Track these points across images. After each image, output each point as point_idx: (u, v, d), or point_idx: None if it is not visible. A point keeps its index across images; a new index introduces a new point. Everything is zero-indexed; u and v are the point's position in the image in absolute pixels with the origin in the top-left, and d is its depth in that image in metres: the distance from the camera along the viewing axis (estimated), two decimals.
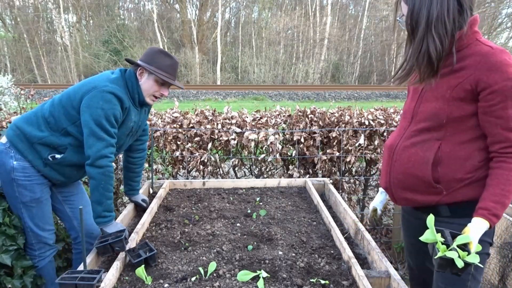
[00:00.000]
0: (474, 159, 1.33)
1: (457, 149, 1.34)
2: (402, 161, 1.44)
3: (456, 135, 1.34)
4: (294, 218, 2.14)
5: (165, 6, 26.49)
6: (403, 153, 1.44)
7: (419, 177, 1.39)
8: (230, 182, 2.72)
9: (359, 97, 15.67)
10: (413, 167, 1.40)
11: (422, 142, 1.40)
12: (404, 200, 1.49)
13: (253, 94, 15.74)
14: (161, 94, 2.03)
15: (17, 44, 23.12)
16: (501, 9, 22.50)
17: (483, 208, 1.26)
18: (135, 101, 1.99)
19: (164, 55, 1.98)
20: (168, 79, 1.97)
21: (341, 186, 3.29)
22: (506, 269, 2.22)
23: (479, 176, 1.33)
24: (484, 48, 1.28)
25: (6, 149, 1.90)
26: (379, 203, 1.80)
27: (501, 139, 1.26)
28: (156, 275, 1.52)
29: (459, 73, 1.31)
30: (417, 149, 1.40)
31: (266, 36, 24.42)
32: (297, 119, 3.24)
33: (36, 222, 1.96)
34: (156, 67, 1.94)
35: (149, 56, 1.97)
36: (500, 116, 1.25)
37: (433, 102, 1.37)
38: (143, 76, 1.97)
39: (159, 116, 3.29)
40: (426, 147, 1.38)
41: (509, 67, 1.23)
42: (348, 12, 27.62)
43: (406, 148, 1.44)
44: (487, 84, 1.24)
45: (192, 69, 22.52)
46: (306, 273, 1.54)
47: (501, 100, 1.24)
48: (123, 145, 2.09)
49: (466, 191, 1.35)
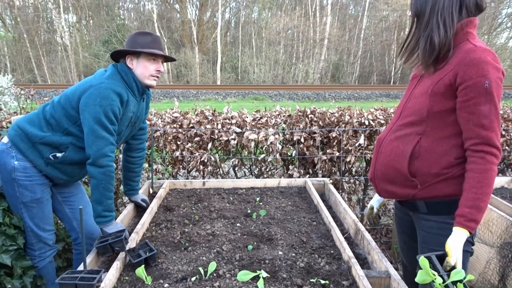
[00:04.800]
0: (450, 155, 1.34)
1: (435, 144, 1.36)
2: (385, 153, 1.49)
3: (436, 131, 1.37)
4: (294, 218, 2.14)
5: (165, 6, 26.49)
6: (388, 146, 1.49)
7: (397, 169, 1.42)
8: (230, 182, 2.72)
9: (359, 97, 15.67)
10: (393, 159, 1.45)
11: (405, 136, 1.44)
12: (385, 192, 1.53)
13: (253, 94, 15.74)
14: (157, 71, 2.00)
15: (17, 44, 23.12)
16: (501, 9, 22.52)
17: (460, 215, 1.27)
18: (134, 91, 1.98)
19: (143, 34, 1.98)
20: (156, 51, 1.95)
21: (341, 186, 3.29)
22: (506, 269, 2.22)
23: (456, 173, 1.34)
24: (469, 46, 1.30)
25: (8, 149, 1.90)
26: (376, 202, 1.82)
27: (472, 135, 1.28)
28: (156, 275, 1.52)
29: (442, 69, 1.34)
30: (399, 142, 1.45)
31: (266, 36, 24.42)
32: (297, 119, 3.24)
33: (37, 222, 1.96)
34: (140, 47, 1.93)
35: (129, 41, 1.97)
36: (473, 112, 1.27)
37: (418, 98, 1.41)
38: (134, 62, 1.96)
39: (159, 116, 3.29)
40: (407, 141, 1.42)
41: (486, 64, 1.24)
42: (348, 12, 27.62)
43: (390, 142, 1.49)
44: (463, 79, 1.27)
45: (192, 69, 22.52)
46: (306, 273, 1.54)
47: (474, 96, 1.25)
48: (123, 137, 2.08)
49: (442, 187, 1.36)
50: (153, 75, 2.00)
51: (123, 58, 1.99)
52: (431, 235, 1.43)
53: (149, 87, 2.04)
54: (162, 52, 1.99)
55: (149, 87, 2.04)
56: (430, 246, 1.42)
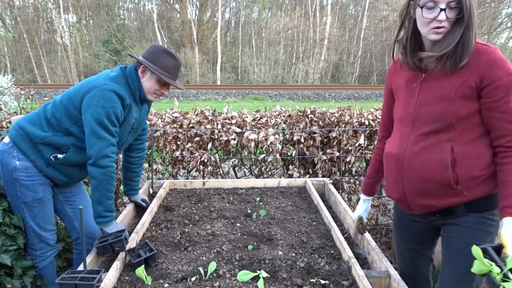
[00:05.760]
0: (485, 155, 1.35)
1: (468, 148, 1.35)
2: (415, 167, 1.41)
3: (465, 134, 1.36)
4: (294, 218, 2.14)
5: (165, 6, 26.49)
6: (415, 159, 1.41)
7: (437, 181, 1.37)
8: (230, 182, 2.72)
9: (359, 97, 15.67)
10: (430, 172, 1.38)
11: (433, 145, 1.38)
12: (421, 207, 1.46)
13: (253, 94, 15.74)
14: (161, 93, 2.04)
15: (17, 44, 23.11)
16: (501, 9, 22.50)
17: (509, 206, 1.26)
18: (136, 98, 1.99)
19: (168, 55, 1.98)
20: (170, 80, 1.97)
21: (341, 186, 3.29)
22: None
23: (492, 172, 1.36)
24: (481, 47, 1.32)
25: (9, 149, 1.90)
26: (364, 212, 1.80)
27: (506, 132, 1.30)
28: (156, 275, 1.53)
29: (460, 72, 1.33)
30: (429, 153, 1.38)
31: (266, 36, 24.40)
32: (297, 119, 3.24)
33: (38, 222, 1.96)
34: (160, 67, 1.94)
35: (153, 55, 1.96)
36: (504, 110, 1.29)
37: (437, 104, 1.37)
38: (146, 74, 1.97)
39: (159, 116, 3.29)
40: (439, 149, 1.37)
41: (506, 63, 1.29)
42: (348, 12, 27.61)
43: (417, 154, 1.41)
44: (491, 80, 1.28)
45: (192, 69, 22.51)
46: (306, 273, 1.54)
47: (504, 94, 1.28)
48: (125, 143, 2.09)
49: (482, 188, 1.37)
50: (157, 95, 2.04)
51: (137, 63, 1.98)
52: (466, 229, 1.40)
53: (149, 101, 2.06)
54: (175, 81, 2.01)
55: (149, 101, 2.06)
56: (464, 240, 1.39)
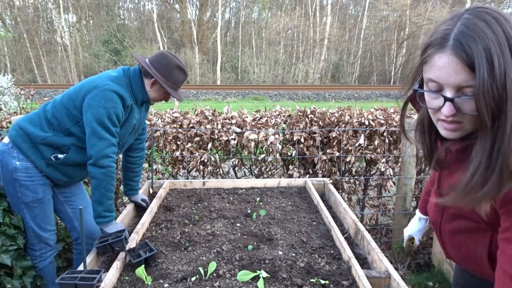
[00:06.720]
0: None
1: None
2: (453, 246, 1.21)
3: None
4: (294, 218, 2.14)
5: (165, 6, 26.50)
6: (451, 239, 1.20)
7: (476, 268, 1.18)
8: (230, 182, 2.72)
9: (359, 97, 15.68)
10: (467, 259, 1.18)
11: (468, 231, 1.12)
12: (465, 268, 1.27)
13: (253, 94, 15.75)
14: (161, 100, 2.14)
15: (17, 44, 23.13)
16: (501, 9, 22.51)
17: None
18: (138, 100, 2.01)
19: (181, 71, 2.03)
20: (179, 96, 2.05)
21: (341, 186, 3.29)
22: None
23: None
24: None
25: (9, 149, 1.90)
26: (417, 232, 1.52)
27: None
28: (156, 275, 1.52)
29: None
30: (465, 238, 1.14)
31: (266, 36, 24.42)
32: (297, 119, 3.24)
33: (38, 222, 1.96)
34: (172, 83, 2.00)
35: (166, 69, 1.97)
36: None
37: None
38: (155, 86, 2.01)
39: (159, 116, 3.29)
40: (475, 239, 1.11)
41: None
42: (348, 12, 27.62)
43: (452, 234, 1.19)
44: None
45: (192, 69, 22.51)
46: (306, 273, 1.54)
47: None
48: (126, 143, 2.10)
49: None
50: (158, 101, 2.13)
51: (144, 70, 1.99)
52: None
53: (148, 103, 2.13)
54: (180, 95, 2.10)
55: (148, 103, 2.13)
56: None
